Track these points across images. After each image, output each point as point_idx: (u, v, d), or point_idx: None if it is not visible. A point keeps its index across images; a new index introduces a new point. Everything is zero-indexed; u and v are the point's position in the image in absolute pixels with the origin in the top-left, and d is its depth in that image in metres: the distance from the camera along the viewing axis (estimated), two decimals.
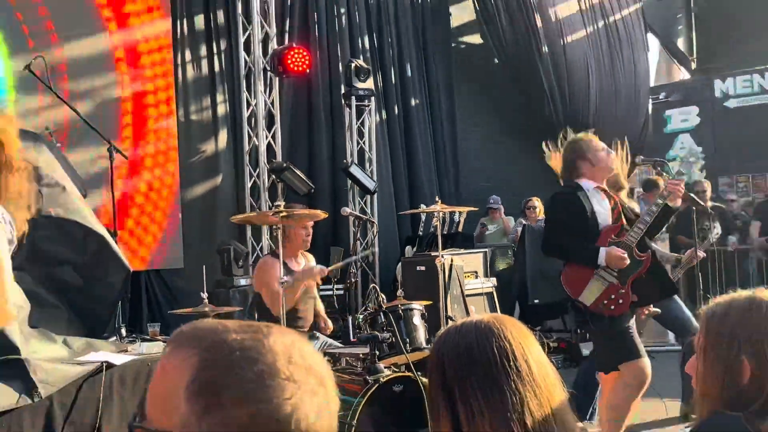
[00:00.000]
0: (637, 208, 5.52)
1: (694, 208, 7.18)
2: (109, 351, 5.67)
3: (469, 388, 1.56)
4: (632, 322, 5.01)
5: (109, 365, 5.33)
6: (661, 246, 7.25)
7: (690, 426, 5.87)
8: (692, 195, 7.14)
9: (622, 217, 4.98)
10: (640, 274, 4.91)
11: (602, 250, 4.75)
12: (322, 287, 6.43)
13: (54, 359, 5.35)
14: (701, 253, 6.87)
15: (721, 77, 13.82)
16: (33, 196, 3.40)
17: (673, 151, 13.73)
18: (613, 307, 4.77)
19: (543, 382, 1.56)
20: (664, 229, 5.60)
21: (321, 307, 6.17)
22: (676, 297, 6.31)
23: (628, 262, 4.75)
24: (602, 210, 4.88)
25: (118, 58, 9.06)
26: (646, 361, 4.82)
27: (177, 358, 1.04)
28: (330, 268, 6.38)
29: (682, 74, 15.67)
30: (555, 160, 5.26)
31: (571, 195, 4.92)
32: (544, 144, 5.48)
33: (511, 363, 1.54)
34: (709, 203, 10.03)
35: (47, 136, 7.17)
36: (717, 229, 7.40)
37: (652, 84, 14.96)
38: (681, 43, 15.52)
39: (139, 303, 8.58)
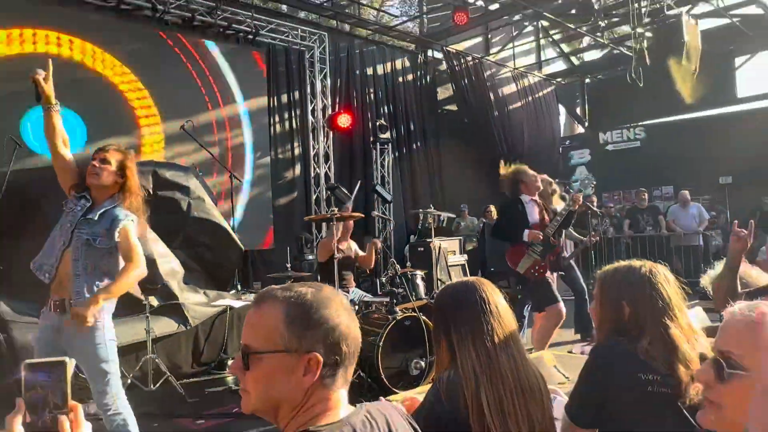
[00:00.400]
0: (560, 207, 5.30)
1: (588, 211, 7.38)
2: (231, 299, 6.08)
3: (460, 322, 1.62)
4: (552, 281, 4.98)
5: (231, 308, 5.77)
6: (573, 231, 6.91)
7: (584, 343, 5.56)
8: (587, 203, 7.10)
9: (546, 216, 4.91)
10: (554, 253, 4.94)
11: (525, 231, 4.74)
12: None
13: (198, 303, 5.75)
14: (594, 239, 6.87)
15: (603, 131, 13.97)
16: (144, 210, 3.11)
17: (575, 176, 13.70)
18: (536, 273, 4.77)
19: (504, 317, 1.63)
20: (570, 224, 5.42)
21: (362, 254, 5.99)
22: (574, 266, 6.28)
23: (542, 237, 4.72)
24: (534, 213, 4.86)
25: (230, 121, 9.33)
26: (561, 306, 4.82)
27: (270, 305, 1.16)
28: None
29: (579, 129, 15.50)
30: (505, 176, 5.13)
31: (514, 204, 4.90)
32: (501, 167, 5.31)
33: (486, 306, 1.62)
34: (596, 209, 9.86)
35: (194, 168, 7.36)
36: (605, 224, 7.21)
37: (562, 135, 14.93)
38: (578, 111, 15.29)
39: (248, 269, 8.68)
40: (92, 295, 2.78)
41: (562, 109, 15.26)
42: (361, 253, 5.96)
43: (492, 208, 10.41)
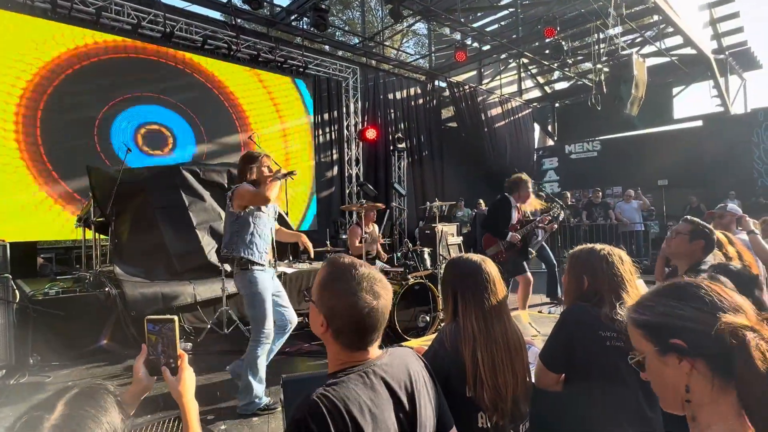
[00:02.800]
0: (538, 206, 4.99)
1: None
2: (285, 267, 5.94)
3: (465, 290, 1.56)
4: (521, 260, 4.76)
5: (285, 273, 5.64)
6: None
7: (551, 305, 5.78)
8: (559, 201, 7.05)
9: (520, 220, 4.76)
10: (515, 250, 4.69)
11: (510, 234, 4.58)
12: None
13: None
14: (555, 226, 6.65)
15: (568, 143, 13.74)
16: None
17: (546, 178, 13.72)
18: (499, 259, 4.53)
19: (500, 292, 1.57)
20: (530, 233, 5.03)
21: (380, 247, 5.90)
22: (546, 246, 6.08)
23: (519, 243, 4.62)
24: (514, 216, 4.69)
25: (287, 133, 9.49)
26: (528, 275, 4.72)
27: (322, 267, 1.17)
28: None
29: (550, 142, 15.23)
30: (512, 177, 4.77)
31: (505, 203, 4.69)
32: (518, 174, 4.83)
33: (488, 283, 1.55)
34: (569, 202, 10.15)
35: None
36: (563, 214, 7.48)
37: (536, 146, 14.76)
38: (549, 128, 15.11)
39: (296, 245, 8.83)
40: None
41: (536, 127, 15.13)
42: (379, 236, 5.83)
43: (481, 201, 10.44)
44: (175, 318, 1.13)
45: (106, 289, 4.63)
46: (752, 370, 0.78)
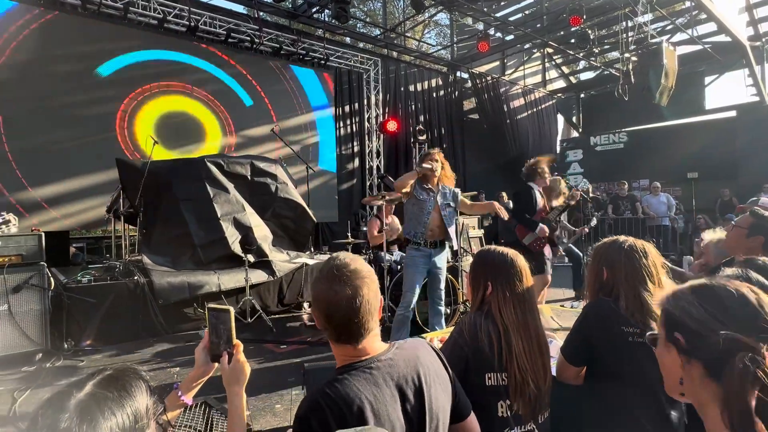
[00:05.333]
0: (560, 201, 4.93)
1: (583, 202, 6.71)
2: (306, 258, 6.09)
3: (500, 279, 1.56)
4: (547, 255, 4.74)
5: (307, 264, 5.79)
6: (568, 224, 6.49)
7: (573, 300, 5.85)
8: (583, 195, 6.33)
9: (546, 205, 4.72)
10: (550, 235, 4.65)
11: (539, 226, 4.46)
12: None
13: (282, 260, 5.80)
14: (586, 229, 6.29)
15: (593, 135, 13.36)
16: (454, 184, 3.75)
17: (570, 170, 13.36)
18: (537, 247, 4.55)
19: (529, 281, 1.58)
20: (563, 213, 5.07)
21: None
22: (571, 244, 6.08)
23: (548, 234, 4.54)
24: (539, 200, 4.63)
25: (308, 125, 9.33)
26: (547, 276, 4.67)
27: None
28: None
29: (575, 133, 14.98)
30: (530, 163, 4.70)
31: (528, 190, 4.62)
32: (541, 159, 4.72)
33: (518, 271, 1.56)
34: (591, 195, 10.64)
35: (280, 160, 7.37)
36: (594, 220, 6.67)
37: (560, 138, 14.52)
38: (574, 119, 14.82)
39: (318, 236, 8.80)
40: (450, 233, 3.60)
41: (560, 118, 14.87)
42: (398, 225, 5.82)
43: (503, 193, 10.31)
44: (232, 309, 1.18)
45: (135, 277, 4.77)
46: (735, 388, 0.80)
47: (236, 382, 1.18)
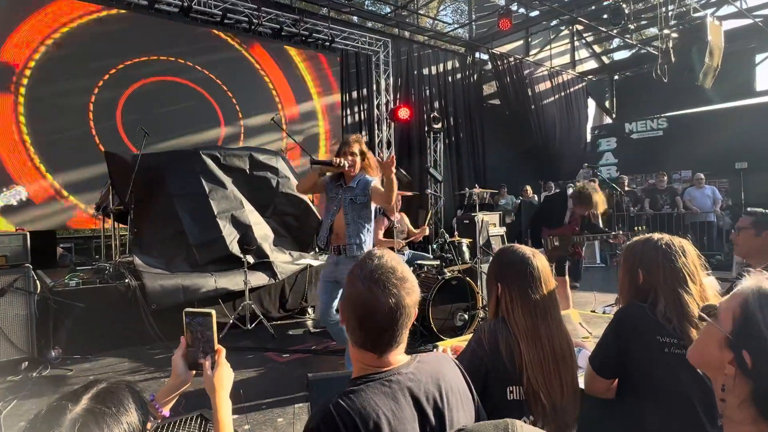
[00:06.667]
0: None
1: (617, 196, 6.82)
2: (310, 259, 6.12)
3: (511, 284, 1.56)
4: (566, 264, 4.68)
5: (311, 266, 5.84)
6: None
7: (605, 305, 5.26)
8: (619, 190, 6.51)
9: (575, 227, 4.64)
10: (570, 253, 4.68)
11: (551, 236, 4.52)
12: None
13: (285, 262, 5.82)
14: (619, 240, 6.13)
15: (629, 121, 13.30)
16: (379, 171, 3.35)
17: (602, 161, 13.29)
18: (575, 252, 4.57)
19: (548, 289, 1.56)
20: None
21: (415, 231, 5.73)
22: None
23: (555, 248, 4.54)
24: (567, 217, 4.62)
25: (312, 113, 9.50)
26: (567, 278, 4.67)
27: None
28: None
29: (607, 120, 14.96)
30: (581, 188, 4.56)
31: (559, 200, 4.59)
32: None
33: (536, 280, 1.55)
34: (626, 188, 9.89)
35: (282, 153, 7.50)
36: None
37: (591, 125, 14.47)
38: (607, 104, 14.78)
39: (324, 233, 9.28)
40: (357, 238, 3.31)
41: (592, 103, 14.77)
42: (409, 225, 5.78)
43: (528, 187, 10.36)
44: (213, 312, 1.19)
45: (126, 280, 4.84)
46: None
47: (221, 388, 1.21)
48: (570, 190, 4.65)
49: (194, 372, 1.23)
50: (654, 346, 1.59)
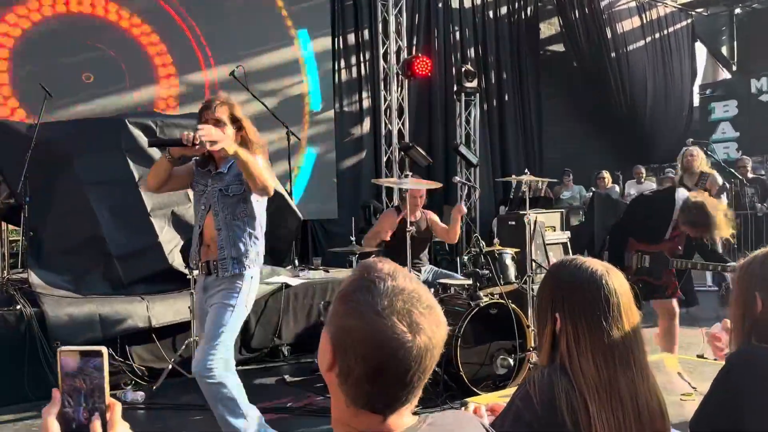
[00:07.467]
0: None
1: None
2: (287, 276, 6.18)
3: (576, 314, 1.56)
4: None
5: (287, 285, 5.88)
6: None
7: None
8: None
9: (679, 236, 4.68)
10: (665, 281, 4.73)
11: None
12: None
13: None
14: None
15: (756, 77, 13.25)
16: (266, 157, 3.51)
17: (716, 134, 13.21)
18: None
19: (629, 315, 1.57)
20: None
21: (443, 225, 5.94)
22: None
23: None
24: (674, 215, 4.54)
25: (289, 65, 9.48)
26: (674, 303, 4.75)
27: (349, 274, 1.20)
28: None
29: (724, 74, 14.93)
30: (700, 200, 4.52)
31: (667, 197, 4.67)
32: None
33: (613, 300, 1.55)
34: (750, 175, 9.93)
35: None
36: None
37: (699, 82, 14.43)
38: (724, 50, 14.80)
39: (306, 242, 8.94)
40: (234, 249, 3.33)
41: (701, 49, 14.75)
42: (441, 224, 5.93)
43: (605, 174, 10.49)
44: (104, 350, 1.18)
45: (18, 306, 4.83)
46: None
47: None
48: (681, 193, 4.63)
49: None
50: None
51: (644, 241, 4.78)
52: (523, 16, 12.36)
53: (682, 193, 4.63)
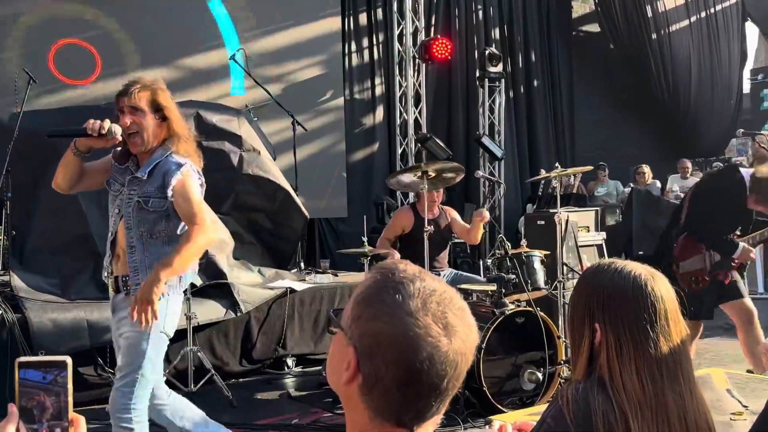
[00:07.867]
0: None
1: None
2: (291, 280, 6.21)
3: (618, 322, 1.58)
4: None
5: (292, 290, 5.90)
6: None
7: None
8: None
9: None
10: (725, 273, 4.67)
11: (741, 246, 4.51)
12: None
13: (251, 284, 5.89)
14: None
15: None
16: (199, 154, 3.36)
17: None
18: (694, 284, 4.63)
19: (676, 325, 1.58)
20: None
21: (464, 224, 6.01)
22: None
23: (752, 258, 4.65)
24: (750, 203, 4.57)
25: (297, 48, 9.56)
26: (747, 302, 4.67)
27: (366, 278, 1.20)
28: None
29: None
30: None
31: (733, 181, 4.61)
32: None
33: (659, 308, 1.56)
34: None
35: (247, 111, 7.65)
36: None
37: (750, 67, 14.37)
38: None
39: (313, 243, 8.98)
40: (150, 272, 3.00)
41: (752, 29, 14.71)
42: (462, 222, 5.97)
43: (645, 169, 10.49)
44: (68, 360, 1.17)
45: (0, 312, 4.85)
46: None
47: None
48: (745, 171, 4.59)
49: None
50: None
51: (712, 239, 4.67)
52: None
53: (744, 171, 4.62)
